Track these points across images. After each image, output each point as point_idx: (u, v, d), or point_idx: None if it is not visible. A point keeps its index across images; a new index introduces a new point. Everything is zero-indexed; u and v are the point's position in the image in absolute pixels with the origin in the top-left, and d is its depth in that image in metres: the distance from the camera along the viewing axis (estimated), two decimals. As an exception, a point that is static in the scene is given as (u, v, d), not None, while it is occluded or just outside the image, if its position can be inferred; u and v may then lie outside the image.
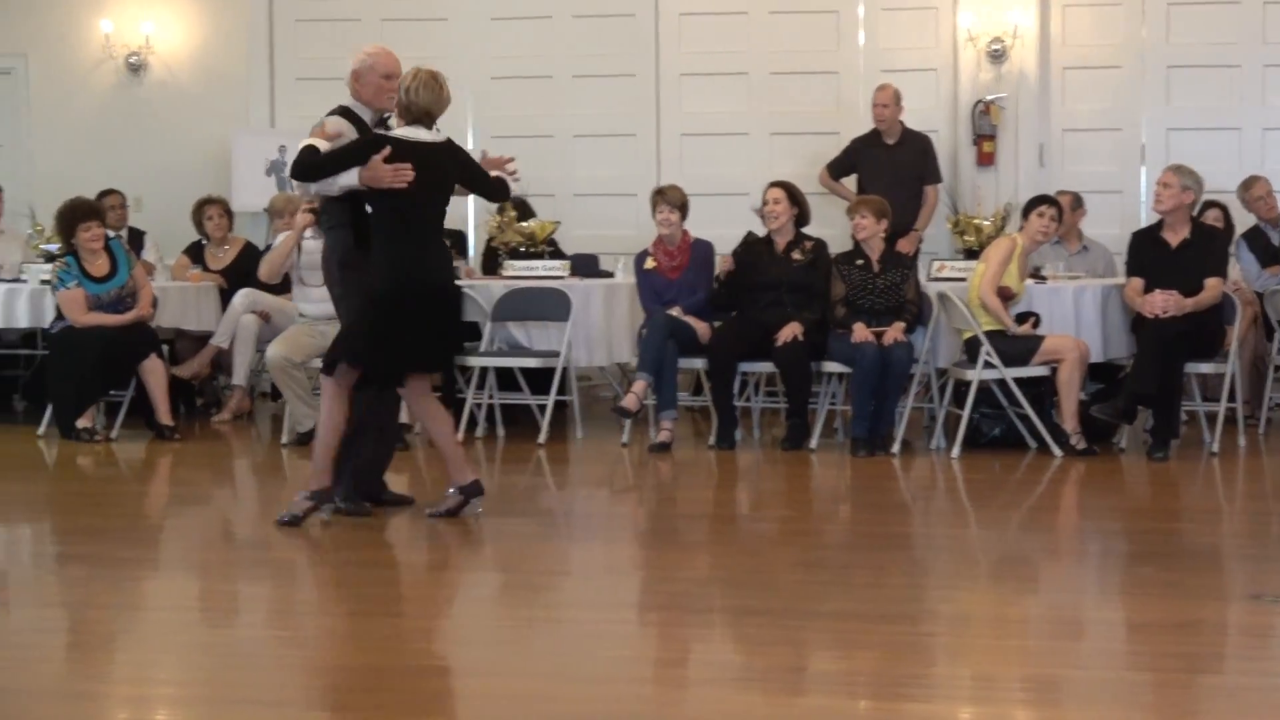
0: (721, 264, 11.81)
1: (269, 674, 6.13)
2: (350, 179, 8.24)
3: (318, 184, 8.37)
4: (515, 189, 9.17)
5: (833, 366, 11.23)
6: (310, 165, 8.27)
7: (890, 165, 13.04)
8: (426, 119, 8.46)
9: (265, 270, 11.42)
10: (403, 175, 8.23)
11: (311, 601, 7.31)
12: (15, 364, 13.67)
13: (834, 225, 12.80)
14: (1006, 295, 10.93)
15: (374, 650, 6.42)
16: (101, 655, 6.43)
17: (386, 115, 8.68)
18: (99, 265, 11.81)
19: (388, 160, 8.21)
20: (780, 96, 14.49)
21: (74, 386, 11.72)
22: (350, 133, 8.44)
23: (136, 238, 13.64)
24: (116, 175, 13.83)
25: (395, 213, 8.33)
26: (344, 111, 8.57)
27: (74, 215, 11.86)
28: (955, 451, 10.80)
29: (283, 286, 11.91)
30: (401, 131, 8.41)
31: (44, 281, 12.11)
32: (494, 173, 8.91)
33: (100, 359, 11.60)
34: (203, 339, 12.73)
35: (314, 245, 11.09)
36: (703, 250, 11.78)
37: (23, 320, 12.37)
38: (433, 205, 8.53)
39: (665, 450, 11.11)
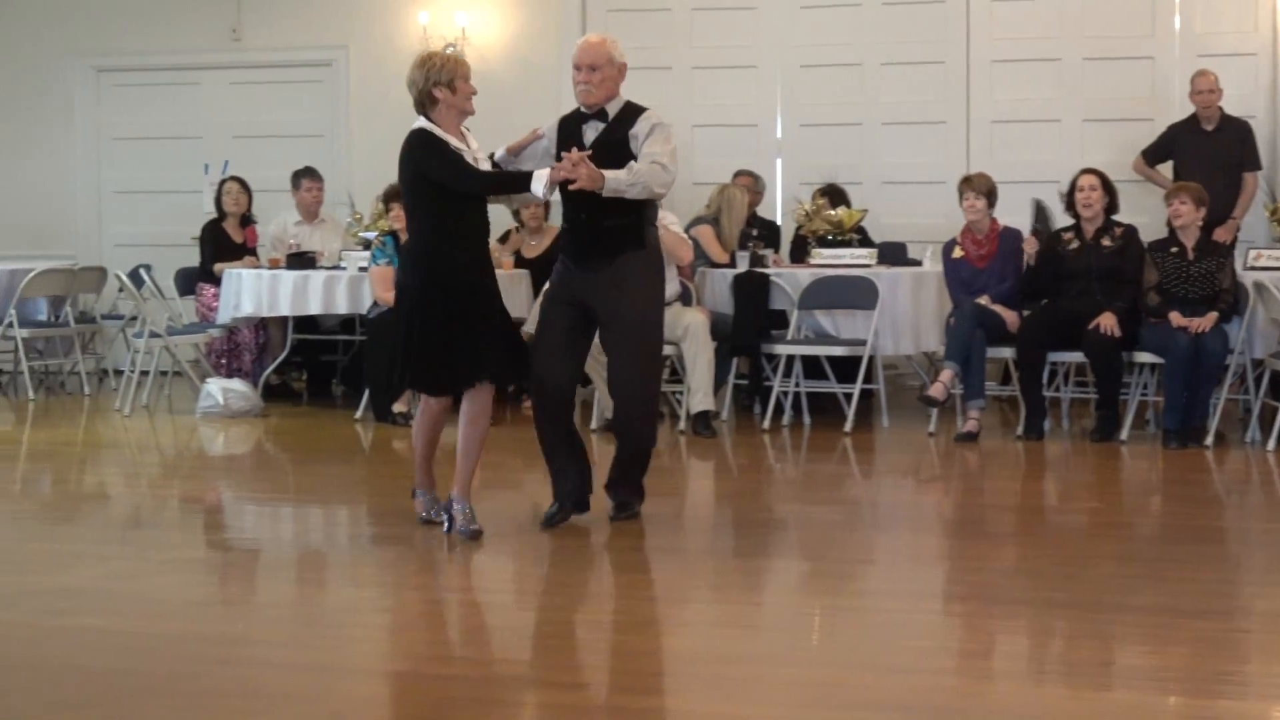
0: (1028, 245, 11.72)
1: (575, 656, 6.22)
2: None
3: None
4: (538, 187, 7.78)
5: (1144, 356, 11.06)
6: None
7: (1209, 152, 12.79)
8: (419, 108, 8.05)
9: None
10: None
11: (618, 586, 7.39)
12: (334, 350, 14.02)
13: (1146, 212, 12.60)
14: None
15: (678, 635, 6.49)
16: (414, 635, 6.58)
17: (589, 108, 8.12)
18: (415, 249, 12.04)
19: None
20: (1093, 83, 14.24)
21: (390, 372, 11.96)
22: (549, 133, 8.25)
23: (452, 226, 13.86)
24: (433, 165, 14.07)
25: None
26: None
27: (390, 197, 12.15)
28: (1271, 444, 10.57)
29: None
30: None
31: (361, 269, 12.39)
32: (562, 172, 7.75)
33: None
34: (515, 326, 12.89)
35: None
36: (1011, 238, 11.68)
37: (341, 307, 12.64)
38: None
39: (972, 440, 11.04)
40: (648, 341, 8.25)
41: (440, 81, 7.92)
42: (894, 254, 12.97)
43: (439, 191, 7.85)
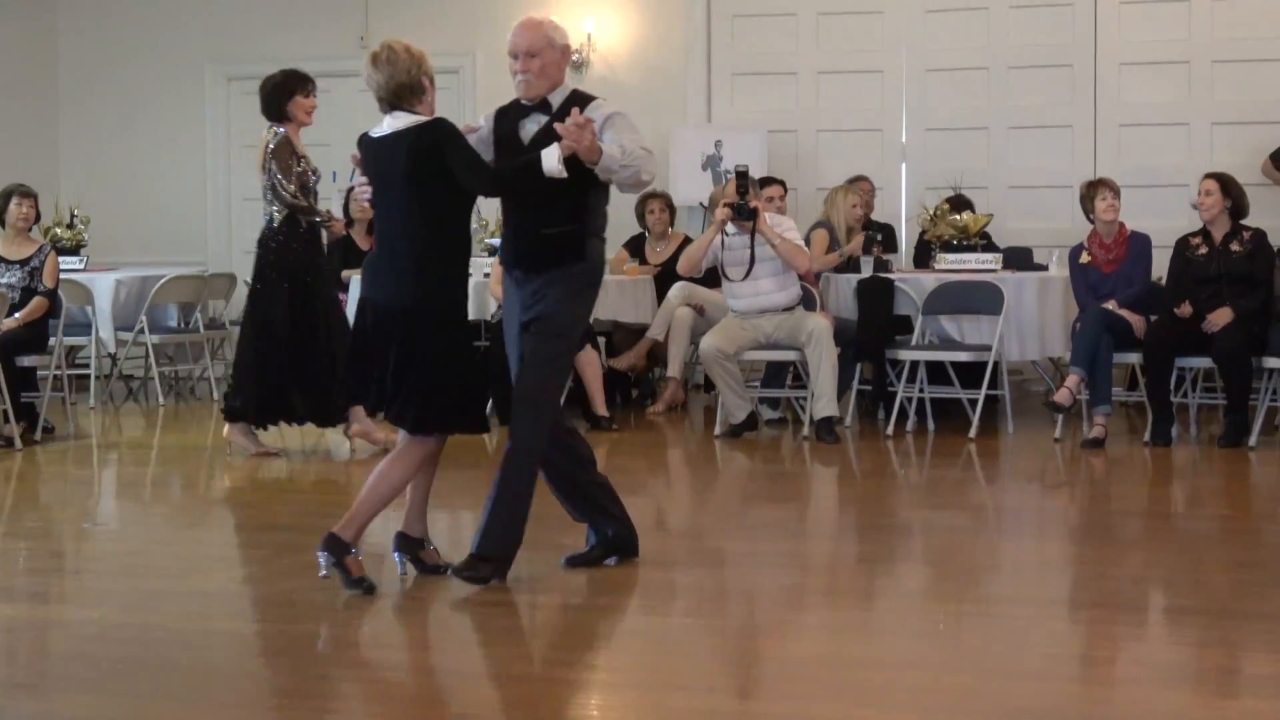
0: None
1: (700, 661, 6.23)
2: None
3: None
4: (551, 164, 6.89)
5: (1274, 362, 10.94)
6: None
7: (1338, 154, 12.68)
8: (384, 105, 7.27)
9: (683, 264, 11.63)
10: (360, 190, 7.51)
11: (741, 591, 7.40)
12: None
13: (1277, 215, 12.48)
14: None
15: (803, 641, 6.49)
16: (540, 640, 6.63)
17: (530, 101, 7.29)
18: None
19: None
20: (1223, 85, 14.10)
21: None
22: (486, 123, 7.46)
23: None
24: (559, 170, 14.14)
25: None
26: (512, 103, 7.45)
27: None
28: (1405, 451, 10.46)
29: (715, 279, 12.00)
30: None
31: (486, 275, 12.41)
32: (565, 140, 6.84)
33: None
34: (639, 331, 12.95)
35: (738, 240, 11.21)
36: (1140, 243, 11.59)
37: (469, 313, 12.68)
38: (382, 209, 7.21)
39: (1099, 446, 10.96)
40: (559, 354, 7.34)
41: (429, 74, 7.34)
42: (1020, 259, 12.91)
43: (456, 189, 7.07)
